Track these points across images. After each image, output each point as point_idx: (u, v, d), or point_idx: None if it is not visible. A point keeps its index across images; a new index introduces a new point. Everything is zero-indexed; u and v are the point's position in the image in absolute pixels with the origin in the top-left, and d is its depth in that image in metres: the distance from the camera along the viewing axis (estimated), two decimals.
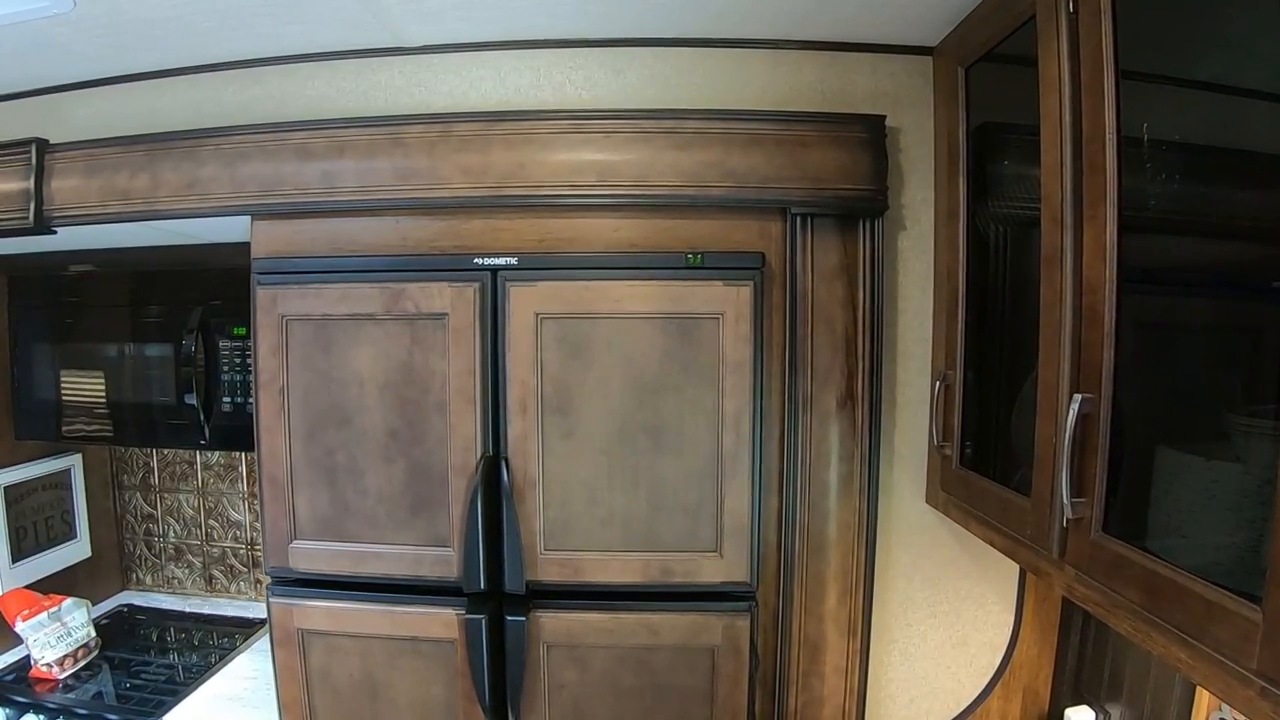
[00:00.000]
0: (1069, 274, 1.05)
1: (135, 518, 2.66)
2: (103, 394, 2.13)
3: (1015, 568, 1.67)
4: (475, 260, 1.46)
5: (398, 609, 1.53)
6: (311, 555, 1.57)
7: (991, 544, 1.35)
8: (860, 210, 1.48)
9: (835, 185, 1.46)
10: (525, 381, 1.44)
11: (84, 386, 2.15)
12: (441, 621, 1.51)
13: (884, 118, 1.50)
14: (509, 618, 1.47)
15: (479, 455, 1.47)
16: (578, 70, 1.57)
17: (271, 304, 1.53)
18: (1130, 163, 0.96)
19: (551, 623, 1.49)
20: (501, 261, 1.45)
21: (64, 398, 2.16)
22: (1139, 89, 0.97)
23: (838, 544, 1.54)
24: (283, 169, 1.55)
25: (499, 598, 1.49)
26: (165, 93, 1.76)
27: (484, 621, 1.47)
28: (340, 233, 1.57)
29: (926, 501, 1.64)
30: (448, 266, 1.47)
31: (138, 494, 2.65)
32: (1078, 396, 0.98)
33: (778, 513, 1.54)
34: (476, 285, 1.45)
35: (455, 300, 1.45)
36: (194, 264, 2.02)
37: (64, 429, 2.17)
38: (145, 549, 2.68)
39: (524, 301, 1.44)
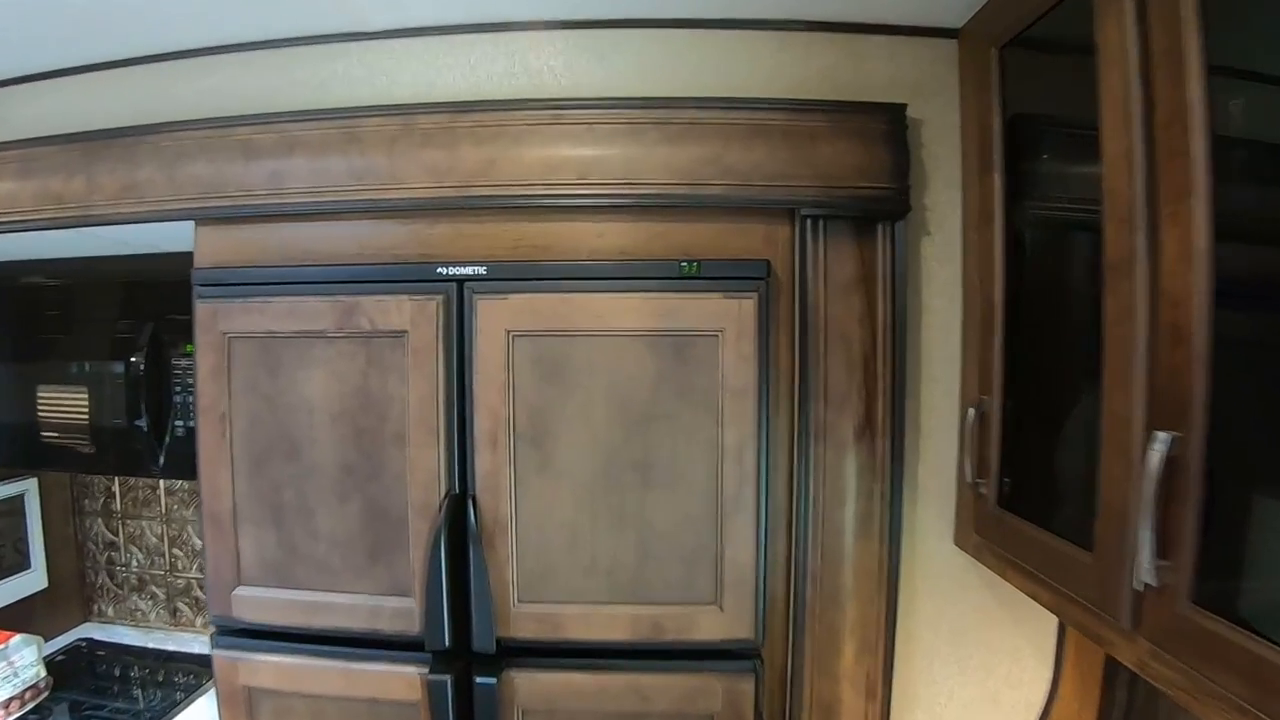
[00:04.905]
0: (1142, 284, 0.86)
1: (97, 545, 2.48)
2: (51, 416, 1.95)
3: (1054, 617, 1.47)
4: (439, 270, 1.28)
5: (355, 666, 1.34)
6: (259, 604, 1.38)
7: (1035, 598, 1.16)
8: (879, 212, 1.29)
9: (850, 184, 1.28)
10: (495, 409, 1.26)
11: (28, 408, 1.97)
12: (403, 681, 1.31)
13: (905, 107, 1.32)
14: (478, 679, 1.28)
15: (442, 493, 1.28)
16: (557, 56, 1.39)
17: (212, 320, 1.35)
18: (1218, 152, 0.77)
19: (527, 685, 1.29)
20: (468, 271, 1.27)
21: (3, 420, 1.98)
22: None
23: (855, 593, 1.35)
24: (226, 169, 1.38)
25: (468, 655, 1.30)
26: (110, 87, 1.58)
27: (449, 682, 1.28)
28: (291, 240, 1.39)
29: (955, 543, 1.44)
30: (407, 277, 1.29)
31: (99, 520, 2.47)
32: (1162, 435, 0.79)
33: (786, 558, 1.35)
34: (440, 298, 1.26)
35: (415, 316, 1.26)
36: (146, 275, 1.85)
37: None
38: (108, 579, 2.49)
39: (493, 317, 1.25)
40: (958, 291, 1.42)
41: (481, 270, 1.26)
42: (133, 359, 1.80)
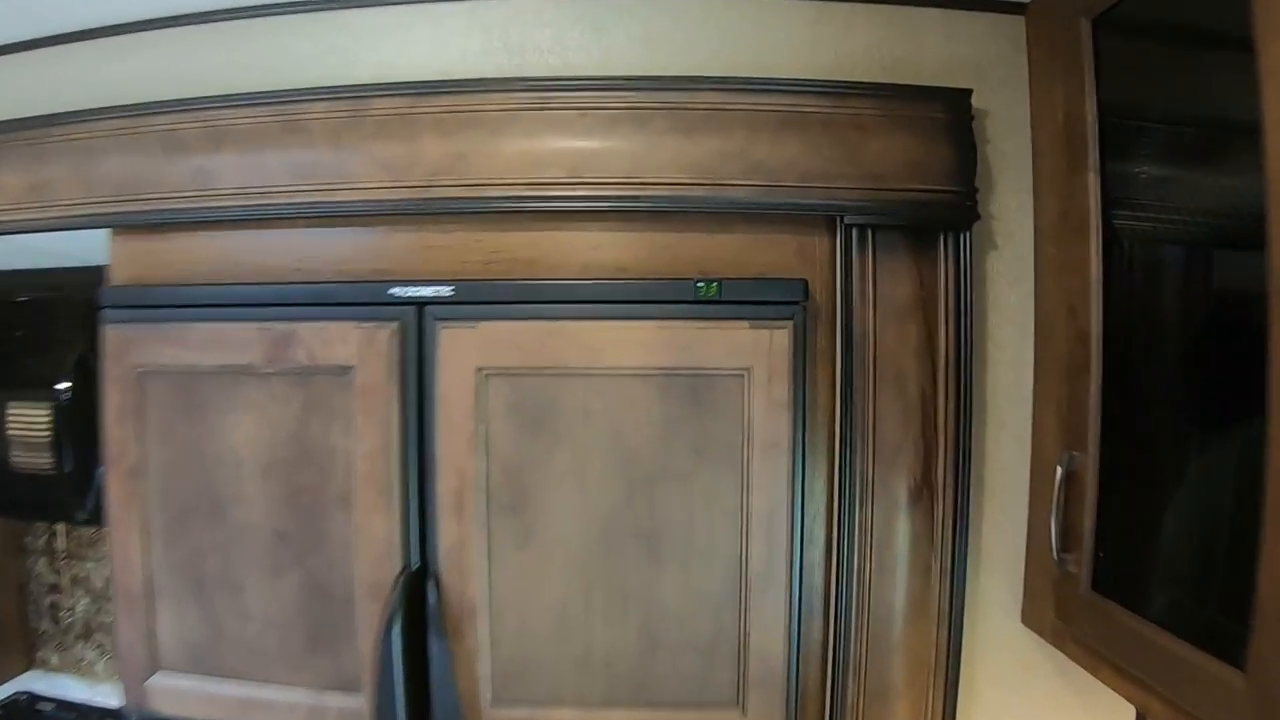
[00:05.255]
0: None
1: (40, 588, 2.22)
2: None
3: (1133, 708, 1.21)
4: (393, 291, 1.02)
5: None
6: (180, 696, 1.14)
7: (1144, 708, 0.91)
8: (941, 220, 1.05)
9: (905, 185, 1.03)
10: (462, 466, 1.01)
11: None
12: None
13: (970, 93, 1.07)
14: None
15: (397, 569, 1.03)
16: (544, 28, 1.14)
17: (122, 350, 1.11)
18: None
19: None
20: (430, 292, 1.02)
21: None
22: None
23: (907, 688, 1.09)
24: (145, 166, 1.15)
25: None
26: (12, 71, 1.34)
27: None
28: (222, 252, 1.15)
29: (1023, 622, 1.19)
30: (354, 299, 1.04)
31: (42, 559, 2.22)
32: None
33: (823, 647, 1.09)
34: (393, 326, 1.02)
35: (363, 348, 1.02)
36: (72, 290, 1.60)
37: None
38: (52, 624, 2.23)
39: (461, 350, 1.00)
40: (1029, 317, 1.17)
41: (446, 291, 1.01)
42: (57, 390, 1.55)
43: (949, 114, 1.07)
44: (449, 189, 1.03)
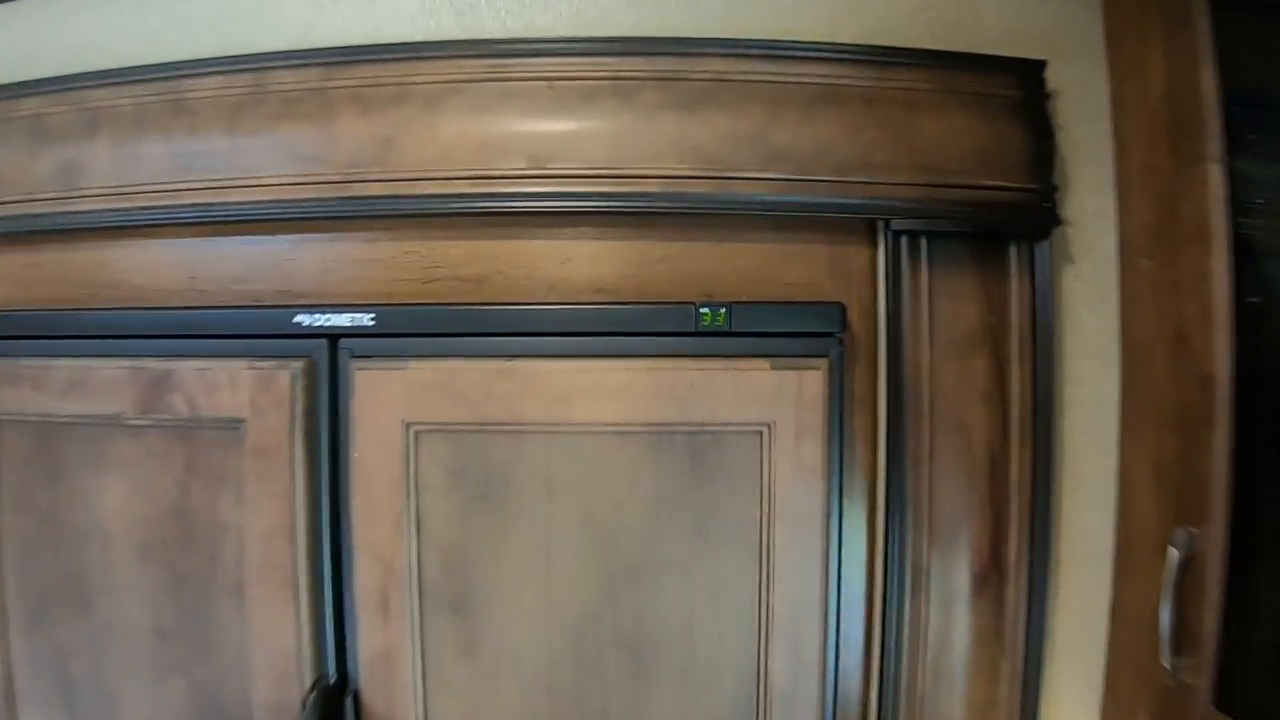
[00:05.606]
0: None
1: None
2: None
3: None
4: (298, 319, 0.78)
5: None
6: None
7: None
8: (1014, 226, 0.81)
9: (969, 180, 0.80)
10: (387, 553, 0.76)
11: None
12: None
13: (1045, 64, 0.84)
14: None
15: (306, 683, 0.78)
16: None
17: None
18: None
19: None
20: (345, 320, 0.78)
21: None
22: None
23: None
24: (5, 160, 0.89)
25: None
26: None
27: None
28: (96, 269, 0.90)
29: None
30: (247, 329, 0.79)
31: None
32: None
33: None
34: (297, 366, 0.77)
35: (257, 395, 0.77)
36: None
37: None
38: None
39: (383, 398, 0.76)
40: (1112, 348, 0.93)
41: (366, 319, 0.77)
42: None
43: (1020, 90, 0.84)
44: (372, 184, 0.79)
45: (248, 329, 0.80)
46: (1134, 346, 0.92)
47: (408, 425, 0.75)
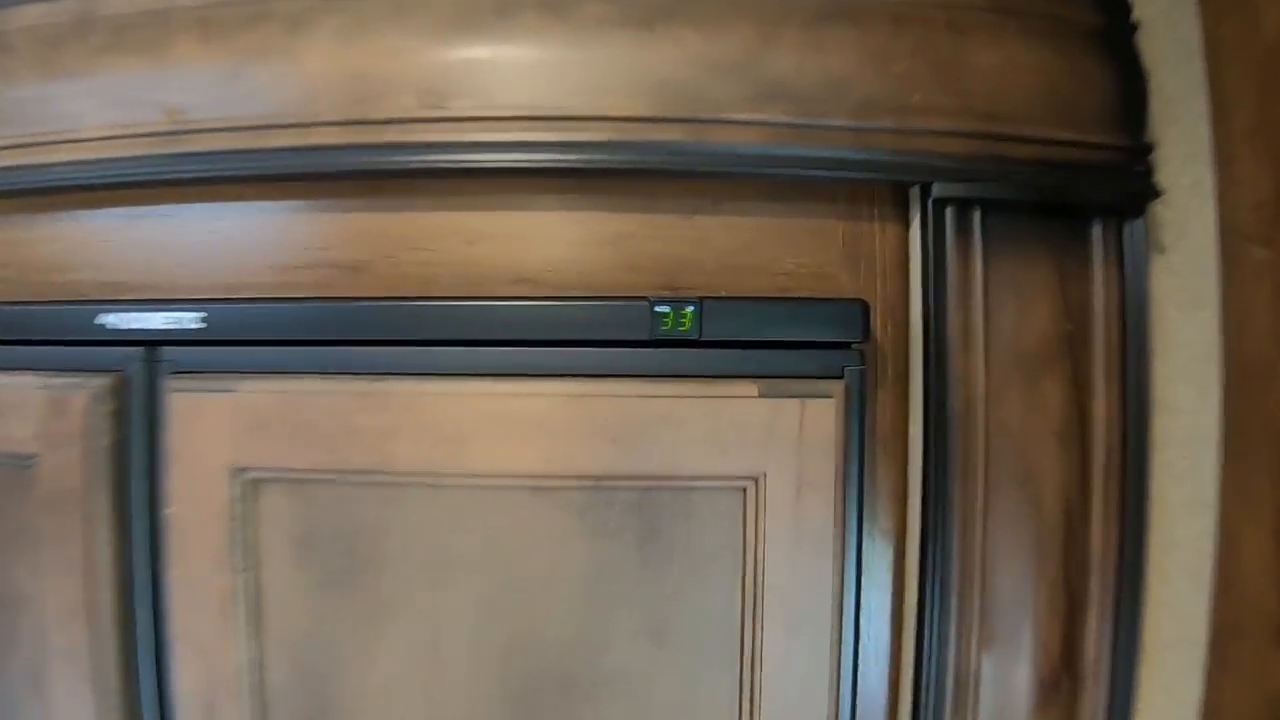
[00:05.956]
0: None
1: None
2: None
3: None
4: (102, 320, 0.55)
5: None
6: None
7: None
8: (1100, 197, 0.59)
9: (1036, 132, 0.58)
10: (211, 649, 0.53)
11: None
12: None
13: None
14: None
15: None
16: None
17: None
18: None
19: None
20: (161, 321, 0.55)
21: None
22: None
23: None
24: None
25: None
26: None
27: None
28: None
29: None
30: (35, 332, 0.57)
31: None
32: None
33: None
34: (98, 385, 0.54)
35: (48, 423, 0.55)
36: None
37: None
38: None
39: (204, 431, 0.54)
40: (1212, 364, 0.71)
41: (190, 321, 0.54)
42: None
43: (1101, 17, 0.61)
44: (209, 135, 0.56)
45: (35, 331, 0.57)
46: (1243, 364, 0.69)
47: (237, 471, 0.52)
